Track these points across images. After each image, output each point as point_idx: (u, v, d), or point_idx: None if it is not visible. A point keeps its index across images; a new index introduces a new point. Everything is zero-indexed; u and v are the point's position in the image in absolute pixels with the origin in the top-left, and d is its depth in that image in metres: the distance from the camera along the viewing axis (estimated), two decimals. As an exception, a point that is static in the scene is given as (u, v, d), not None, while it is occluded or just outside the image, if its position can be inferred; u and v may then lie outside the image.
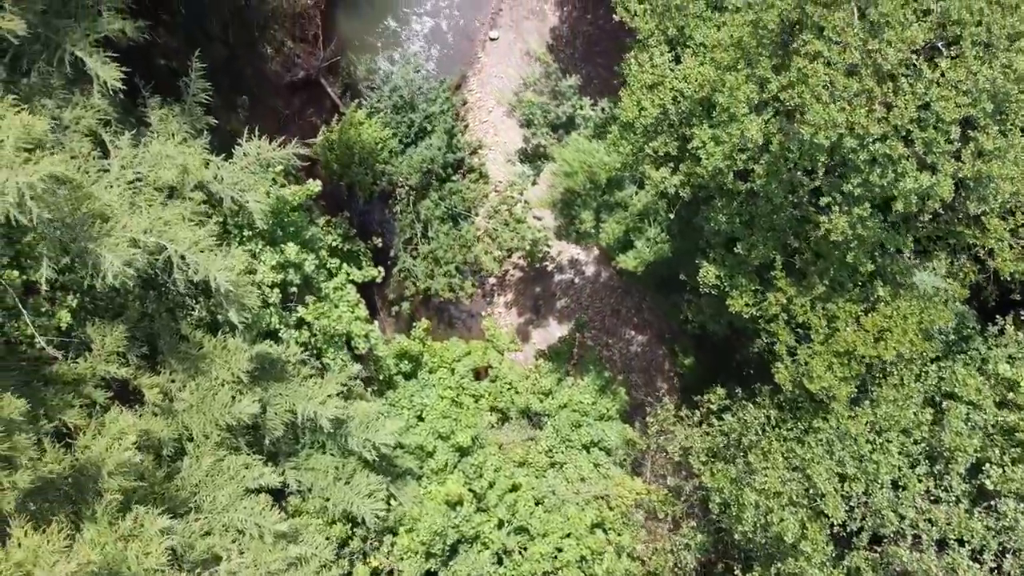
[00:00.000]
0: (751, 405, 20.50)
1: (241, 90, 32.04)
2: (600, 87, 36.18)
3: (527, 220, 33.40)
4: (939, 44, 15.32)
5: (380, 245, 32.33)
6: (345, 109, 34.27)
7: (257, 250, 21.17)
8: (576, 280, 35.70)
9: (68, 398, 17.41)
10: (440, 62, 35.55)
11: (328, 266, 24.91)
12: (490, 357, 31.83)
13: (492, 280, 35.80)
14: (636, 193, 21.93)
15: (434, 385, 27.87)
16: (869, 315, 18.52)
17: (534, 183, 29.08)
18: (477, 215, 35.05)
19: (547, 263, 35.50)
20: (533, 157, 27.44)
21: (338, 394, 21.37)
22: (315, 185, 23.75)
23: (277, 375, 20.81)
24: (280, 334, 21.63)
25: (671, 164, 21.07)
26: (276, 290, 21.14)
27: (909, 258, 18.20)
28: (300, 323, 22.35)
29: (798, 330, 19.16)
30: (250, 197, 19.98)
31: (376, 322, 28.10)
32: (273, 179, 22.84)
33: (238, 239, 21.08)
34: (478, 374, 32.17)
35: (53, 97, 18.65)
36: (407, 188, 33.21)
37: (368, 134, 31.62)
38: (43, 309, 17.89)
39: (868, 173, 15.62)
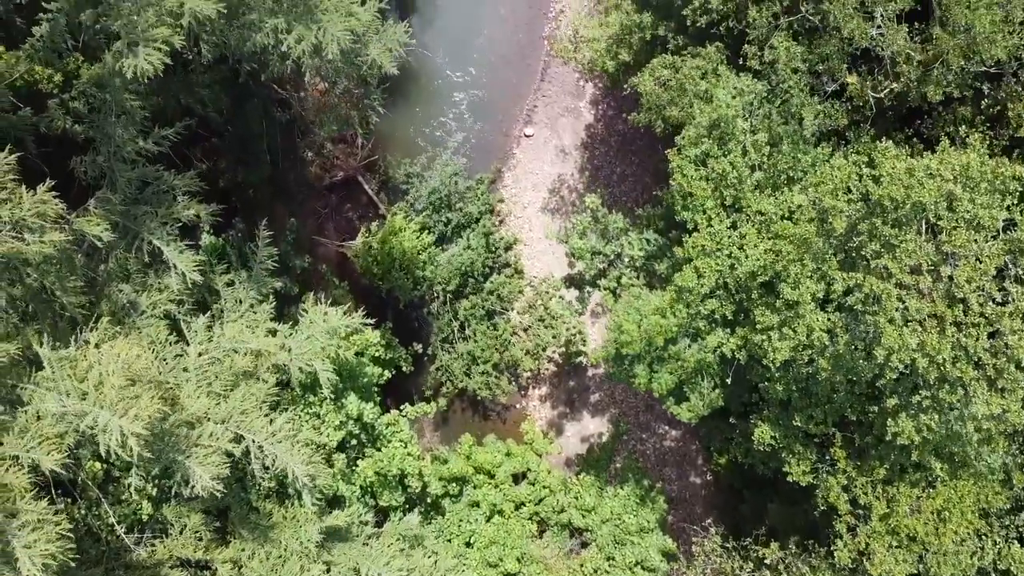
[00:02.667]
0: (807, 569, 20.96)
1: (288, 200, 32.52)
2: (634, 184, 36.65)
3: (562, 316, 33.81)
4: (1012, 271, 15.74)
5: (420, 351, 32.82)
6: (383, 206, 34.69)
7: (322, 412, 21.56)
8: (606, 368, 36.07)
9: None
10: (476, 158, 35.86)
11: (379, 402, 25.36)
12: (529, 460, 32.27)
13: (527, 374, 36.18)
14: (689, 346, 22.35)
15: (479, 503, 28.31)
16: (928, 495, 18.95)
17: (581, 313, 29.46)
18: (512, 309, 35.45)
19: (582, 358, 35.89)
20: (580, 283, 27.83)
21: (399, 548, 21.79)
22: (373, 336, 24.14)
23: (341, 536, 21.23)
24: (343, 493, 22.05)
25: (727, 326, 21.51)
26: (343, 455, 21.55)
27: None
28: (363, 485, 22.78)
29: (857, 508, 19.59)
30: (317, 366, 20.39)
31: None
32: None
33: (303, 404, 21.48)
34: (516, 477, 32.62)
35: (130, 282, 19.04)
36: (445, 291, 33.64)
37: (409, 242, 32.02)
38: (123, 497, 18.29)
39: (938, 389, 16.03)
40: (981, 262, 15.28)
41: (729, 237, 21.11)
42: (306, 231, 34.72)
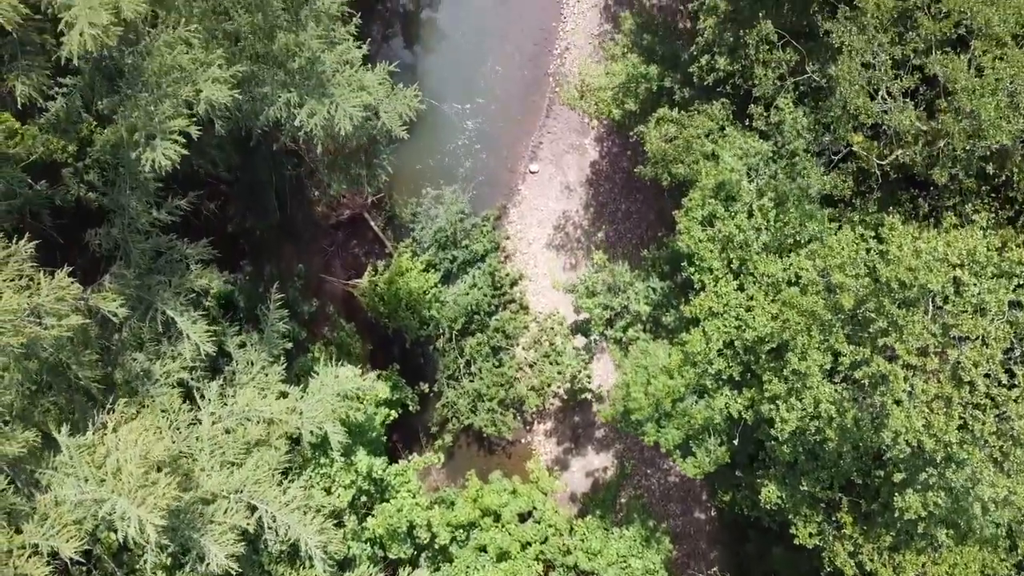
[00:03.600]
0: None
1: (295, 239, 32.73)
2: (638, 221, 36.82)
3: (567, 351, 34.00)
4: (1018, 351, 15.93)
5: (427, 391, 33.03)
6: (389, 243, 34.89)
7: (333, 471, 21.76)
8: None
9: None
10: (482, 195, 36.01)
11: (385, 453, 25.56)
12: (535, 498, 32.44)
13: (532, 409, 36.38)
14: (696, 403, 22.54)
15: (485, 547, 28.51)
16: (933, 559, 19.13)
17: (588, 362, 29.68)
18: (518, 344, 35.64)
19: (587, 394, 36.07)
20: (587, 331, 28.03)
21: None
22: (384, 391, 24.32)
23: (352, 594, 21.47)
24: (354, 552, 22.26)
25: (735, 387, 21.70)
26: (353, 515, 21.75)
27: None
28: (372, 538, 22.98)
29: (864, 573, 19.78)
30: (328, 428, 20.59)
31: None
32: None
33: (314, 465, 21.67)
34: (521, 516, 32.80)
35: (144, 351, 19.22)
36: (452, 328, 33.83)
37: (415, 282, 32.22)
38: (137, 567, 18.48)
39: (944, 468, 16.23)
40: (987, 345, 15.48)
41: (736, 299, 21.30)
42: (313, 269, 34.96)
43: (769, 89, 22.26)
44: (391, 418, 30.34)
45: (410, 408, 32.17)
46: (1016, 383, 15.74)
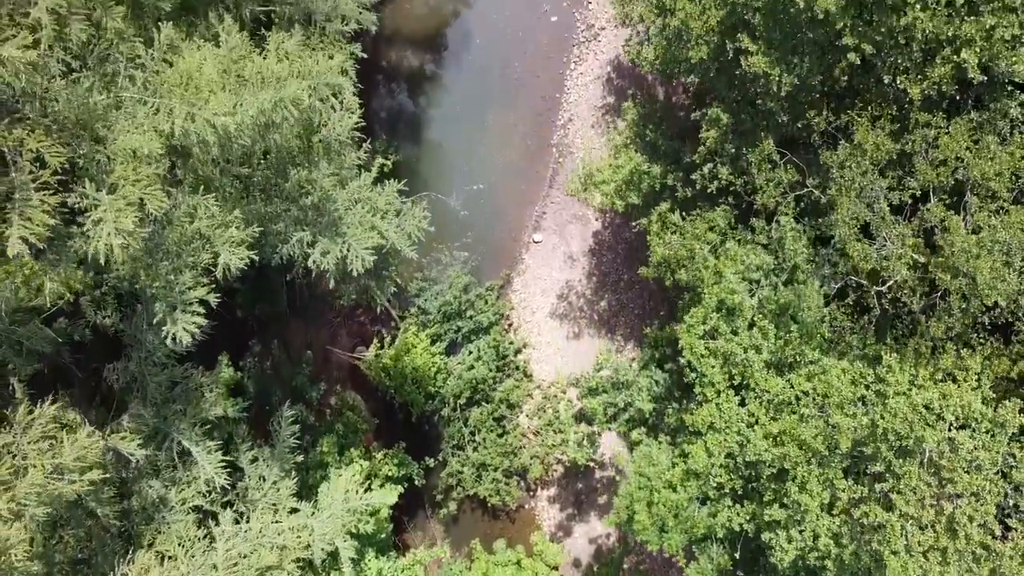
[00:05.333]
0: None
1: (302, 313, 33.23)
2: (640, 291, 37.28)
3: (570, 421, 34.51)
4: (1011, 501, 16.42)
5: (432, 464, 33.54)
6: (394, 312, 35.35)
7: (343, 583, 22.28)
8: (617, 478, 36.77)
9: None
10: (486, 264, 36.52)
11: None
12: (539, 572, 32.98)
13: (536, 477, 36.88)
14: (699, 509, 23.03)
15: (492, 628, 29.04)
16: None
17: (592, 454, 30.21)
18: (521, 412, 36.18)
19: (591, 463, 36.57)
20: (591, 419, 28.54)
21: None
22: (393, 495, 24.82)
23: None
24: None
25: (736, 500, 22.20)
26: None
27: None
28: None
29: None
30: (339, 544, 21.08)
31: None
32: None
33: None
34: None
35: (159, 478, 19.70)
36: (457, 400, 34.36)
37: (421, 358, 32.74)
38: None
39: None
40: (981, 500, 15.97)
41: (738, 414, 21.79)
42: (319, 341, 35.45)
43: (771, 203, 22.75)
44: (397, 493, 30.97)
45: (415, 483, 32.75)
46: (1010, 536, 16.24)
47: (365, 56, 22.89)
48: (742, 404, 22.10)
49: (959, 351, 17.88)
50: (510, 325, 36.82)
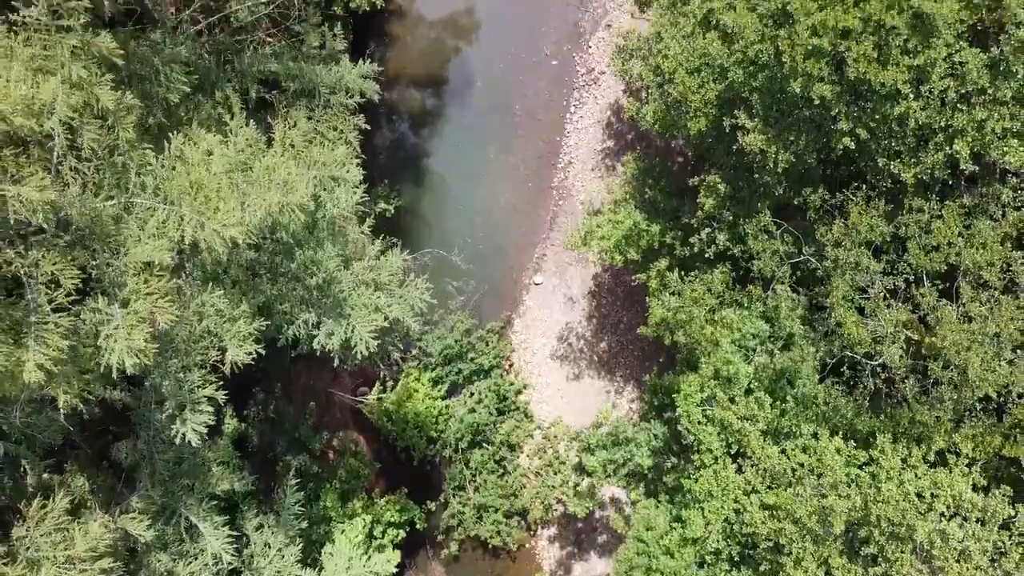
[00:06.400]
0: None
1: (306, 358, 33.54)
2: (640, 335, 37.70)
3: (571, 474, 34.90)
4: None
5: (434, 508, 33.95)
6: (397, 353, 35.72)
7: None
8: (616, 524, 37.16)
9: None
10: (487, 305, 36.88)
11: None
12: (540, 615, 33.39)
13: (536, 519, 37.28)
14: (696, 572, 23.43)
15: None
16: None
17: (590, 507, 30.60)
18: (522, 452, 36.58)
19: (590, 503, 36.95)
20: (591, 472, 28.94)
21: None
22: (395, 559, 25.22)
23: None
24: None
25: (734, 565, 22.58)
26: None
27: None
28: None
29: None
30: (344, 611, 21.50)
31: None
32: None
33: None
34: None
35: (167, 551, 20.09)
36: (458, 443, 34.78)
37: (423, 404, 33.16)
38: None
39: None
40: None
41: (735, 482, 22.16)
42: (322, 383, 35.81)
43: (767, 271, 23.12)
44: (400, 538, 31.48)
45: (417, 527, 33.19)
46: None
47: (368, 128, 23.26)
48: (739, 471, 22.49)
49: (951, 434, 18.26)
50: (511, 366, 37.22)
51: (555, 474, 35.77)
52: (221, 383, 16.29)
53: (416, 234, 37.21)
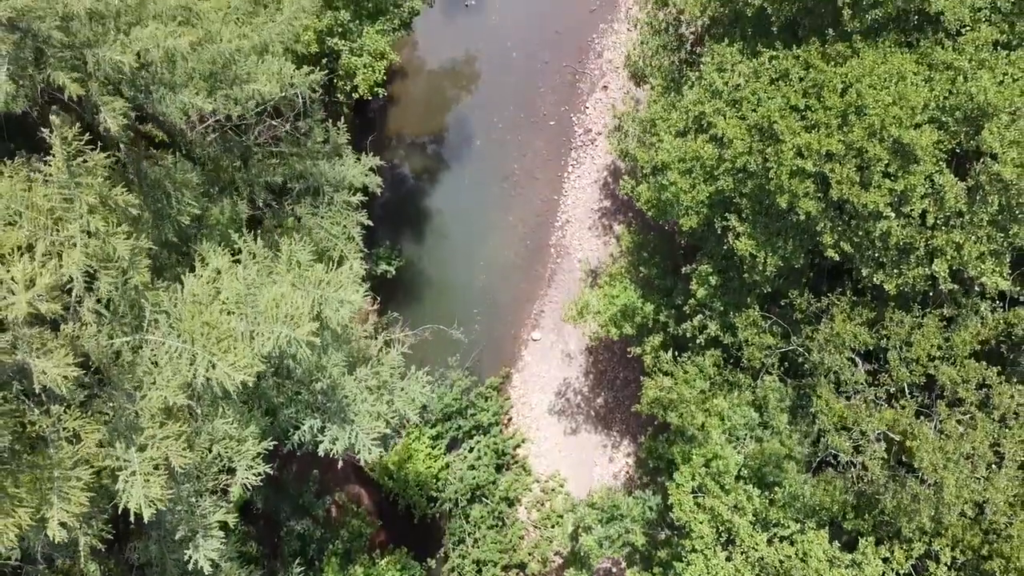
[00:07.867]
0: None
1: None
2: (636, 389, 38.39)
3: (567, 541, 35.68)
4: None
5: (434, 565, 34.74)
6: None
7: None
8: (613, 570, 37.96)
9: None
10: (485, 361, 37.69)
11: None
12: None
13: (535, 573, 38.07)
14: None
15: None
16: None
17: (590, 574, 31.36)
18: (520, 505, 37.39)
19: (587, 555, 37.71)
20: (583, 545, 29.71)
21: None
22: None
23: None
24: None
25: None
26: None
27: None
28: None
29: None
30: None
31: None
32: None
33: None
34: None
35: (178, 643, 20.85)
36: (458, 500, 35.57)
37: (423, 463, 33.96)
38: None
39: None
40: None
41: (724, 569, 22.95)
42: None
43: (755, 362, 23.90)
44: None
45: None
46: None
47: (371, 224, 24.02)
48: (729, 559, 23.27)
49: (931, 543, 19.05)
50: (509, 420, 38.01)
51: (552, 527, 36.59)
52: (231, 505, 17.03)
53: (416, 292, 38.03)
